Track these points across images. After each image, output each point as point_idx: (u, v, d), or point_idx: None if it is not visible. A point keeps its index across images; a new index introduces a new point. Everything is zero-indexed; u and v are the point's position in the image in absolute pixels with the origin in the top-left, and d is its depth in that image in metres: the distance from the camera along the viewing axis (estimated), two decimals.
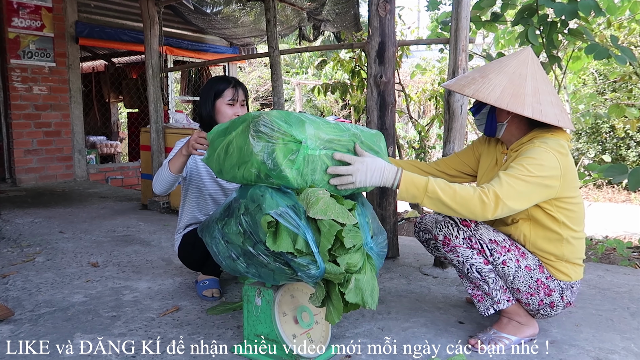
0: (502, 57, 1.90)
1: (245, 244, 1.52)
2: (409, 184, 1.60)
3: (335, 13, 6.48)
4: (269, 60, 3.66)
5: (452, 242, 1.78)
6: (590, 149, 9.55)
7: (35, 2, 5.63)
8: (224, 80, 2.31)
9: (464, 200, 1.59)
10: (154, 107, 4.38)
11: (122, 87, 8.59)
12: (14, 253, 3.06)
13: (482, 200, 1.58)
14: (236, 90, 2.28)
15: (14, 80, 5.57)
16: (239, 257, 1.57)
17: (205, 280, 2.36)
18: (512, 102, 1.73)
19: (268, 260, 1.49)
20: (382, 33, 2.78)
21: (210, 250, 1.68)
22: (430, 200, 1.60)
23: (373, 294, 1.49)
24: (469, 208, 1.59)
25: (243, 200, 1.55)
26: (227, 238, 1.58)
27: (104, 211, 4.44)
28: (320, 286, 1.51)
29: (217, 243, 1.63)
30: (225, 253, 1.61)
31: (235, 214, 1.55)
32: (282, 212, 1.44)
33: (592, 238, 4.68)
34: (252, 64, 14.77)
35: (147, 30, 4.30)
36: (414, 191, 1.60)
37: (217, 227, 1.63)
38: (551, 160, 1.67)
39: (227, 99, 2.26)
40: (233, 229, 1.55)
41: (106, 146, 8.31)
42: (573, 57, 4.35)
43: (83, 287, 2.46)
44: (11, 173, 5.79)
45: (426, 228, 2.11)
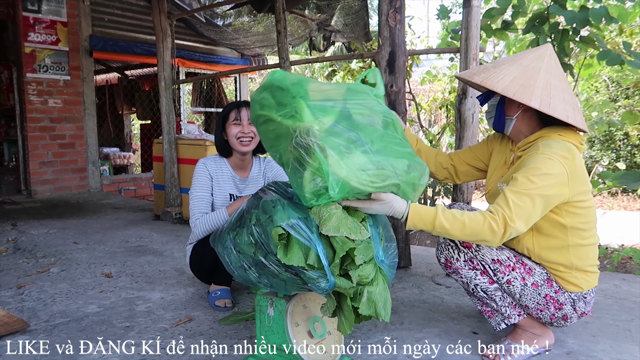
0: (519, 52, 1.87)
1: (257, 255, 1.52)
2: (416, 220, 1.58)
3: (345, 24, 6.52)
4: None
5: (454, 265, 1.78)
6: (604, 157, 9.45)
7: (51, 17, 5.74)
8: (230, 105, 2.45)
9: (473, 232, 1.57)
10: (166, 118, 4.42)
11: (135, 99, 8.70)
12: (30, 264, 3.10)
13: (492, 229, 1.55)
14: (239, 110, 2.39)
15: (29, 94, 5.67)
16: (250, 267, 1.58)
17: (217, 290, 2.38)
18: (519, 92, 1.66)
19: (279, 271, 1.49)
20: (392, 43, 2.79)
21: (223, 260, 1.68)
22: (439, 233, 1.59)
23: (386, 305, 1.49)
24: (479, 237, 1.58)
25: (255, 211, 1.56)
26: (239, 248, 1.59)
27: (117, 222, 4.48)
28: (331, 297, 1.51)
29: (229, 253, 1.64)
30: (237, 263, 1.62)
31: (247, 225, 1.56)
32: (294, 224, 1.44)
33: (608, 247, 4.62)
34: (263, 74, 14.86)
35: (160, 43, 4.36)
36: (422, 226, 1.59)
37: (229, 237, 1.64)
38: (556, 168, 1.60)
39: (232, 120, 2.39)
40: (245, 240, 1.55)
41: (119, 157, 8.40)
42: (585, 64, 4.33)
43: (97, 298, 2.48)
44: (27, 185, 5.87)
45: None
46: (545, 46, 1.80)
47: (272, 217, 1.47)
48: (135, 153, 9.56)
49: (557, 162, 1.61)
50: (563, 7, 3.27)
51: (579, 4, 3.55)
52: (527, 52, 1.80)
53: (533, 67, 1.72)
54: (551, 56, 1.75)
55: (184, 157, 4.39)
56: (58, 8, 5.78)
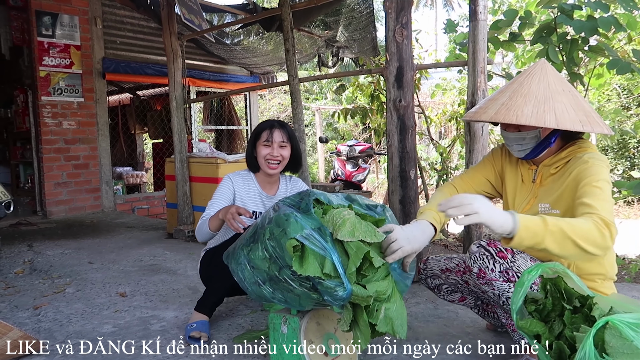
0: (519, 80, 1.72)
1: (271, 269, 1.53)
2: (528, 221, 1.43)
3: (353, 39, 6.58)
4: (288, 88, 3.73)
5: (488, 276, 1.68)
6: (618, 165, 9.34)
7: (65, 41, 5.87)
8: (265, 122, 2.42)
9: (583, 231, 1.42)
10: (178, 137, 4.48)
11: (147, 118, 8.82)
12: (45, 284, 3.13)
13: (600, 230, 1.43)
14: (271, 131, 2.36)
15: (44, 116, 5.78)
16: (264, 282, 1.58)
17: (193, 323, 2.19)
18: (588, 123, 1.59)
19: (294, 285, 1.49)
20: (399, 58, 2.81)
21: (236, 276, 1.69)
22: (552, 234, 1.41)
23: (403, 322, 1.49)
24: (589, 239, 1.42)
25: (268, 225, 1.56)
26: (253, 264, 1.59)
27: (130, 241, 4.51)
28: (348, 309, 1.51)
29: (243, 269, 1.64)
30: (251, 279, 1.62)
31: (261, 240, 1.57)
32: (308, 235, 1.44)
33: (625, 257, 4.54)
34: (272, 91, 15.01)
35: (171, 64, 4.43)
36: (535, 228, 1.42)
37: (242, 253, 1.65)
38: (608, 175, 1.60)
39: (263, 140, 2.36)
40: (259, 255, 1.56)
41: (132, 176, 8.49)
42: (595, 74, 4.31)
43: (112, 318, 2.50)
44: (42, 206, 5.95)
45: (434, 274, 2.03)
46: (543, 63, 1.72)
47: (285, 229, 1.48)
48: (148, 172, 9.66)
49: (607, 170, 1.62)
50: (570, 17, 3.27)
51: (586, 14, 3.55)
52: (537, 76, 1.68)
53: (570, 90, 1.66)
54: (556, 72, 1.72)
55: (196, 175, 4.43)
56: (72, 32, 5.92)
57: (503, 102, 1.67)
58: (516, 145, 1.77)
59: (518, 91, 1.67)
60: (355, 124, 12.02)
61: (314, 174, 11.77)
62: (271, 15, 5.14)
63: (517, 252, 1.71)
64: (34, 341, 2.03)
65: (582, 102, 1.67)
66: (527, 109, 1.60)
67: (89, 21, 6.07)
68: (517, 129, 1.73)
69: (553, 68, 1.72)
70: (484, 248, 1.71)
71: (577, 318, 1.30)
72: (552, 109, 1.60)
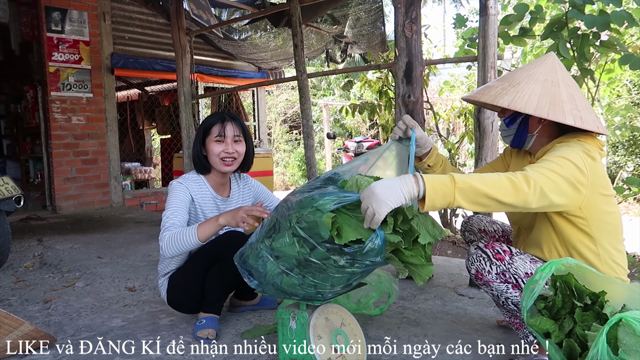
0: (525, 65, 1.81)
1: (301, 253, 1.53)
2: (435, 182, 1.41)
3: (361, 34, 6.55)
4: (296, 83, 3.72)
5: (485, 277, 1.71)
6: (628, 162, 9.25)
7: (74, 36, 5.90)
8: (214, 116, 2.17)
9: (494, 182, 1.42)
10: (186, 133, 4.49)
11: (155, 114, 8.85)
12: (55, 279, 3.16)
13: (512, 180, 1.43)
14: (223, 125, 2.14)
15: (54, 112, 5.82)
16: (292, 269, 1.58)
17: (203, 319, 2.12)
18: (552, 111, 1.62)
19: (327, 264, 1.50)
20: (408, 53, 2.80)
21: (255, 272, 1.66)
22: (462, 193, 1.40)
23: (434, 224, 1.55)
24: (501, 189, 1.41)
25: (291, 213, 1.57)
26: (278, 253, 1.59)
27: (139, 236, 4.54)
28: (394, 261, 1.55)
29: (265, 262, 1.63)
30: (275, 270, 1.61)
31: (285, 227, 1.57)
32: (339, 203, 1.47)
33: (635, 255, 4.51)
34: (280, 87, 15.01)
35: (179, 60, 4.44)
36: (443, 189, 1.40)
37: (263, 247, 1.64)
38: (577, 159, 1.54)
39: (214, 136, 2.13)
40: (286, 241, 1.56)
41: (140, 172, 8.53)
42: (606, 69, 4.26)
43: (121, 312, 2.51)
44: (51, 200, 6.00)
45: (472, 230, 2.11)
46: (551, 55, 1.77)
47: (316, 207, 1.48)
48: (156, 167, 9.70)
49: (578, 155, 1.56)
50: (582, 12, 3.23)
51: (597, 9, 3.51)
52: (536, 65, 1.75)
53: (552, 81, 1.69)
54: (560, 65, 1.74)
55: None
56: (81, 28, 5.94)
57: (493, 85, 1.78)
58: (502, 130, 1.85)
59: (506, 78, 1.77)
60: (363, 120, 12.01)
61: (321, 170, 11.77)
62: (280, 10, 5.12)
63: (516, 252, 1.70)
64: (44, 334, 2.04)
65: (562, 94, 1.66)
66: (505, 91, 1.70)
67: (97, 17, 6.09)
68: (503, 114, 1.82)
69: (559, 62, 1.75)
70: (481, 250, 1.72)
71: (588, 315, 1.29)
72: (527, 93, 1.66)
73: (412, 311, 2.43)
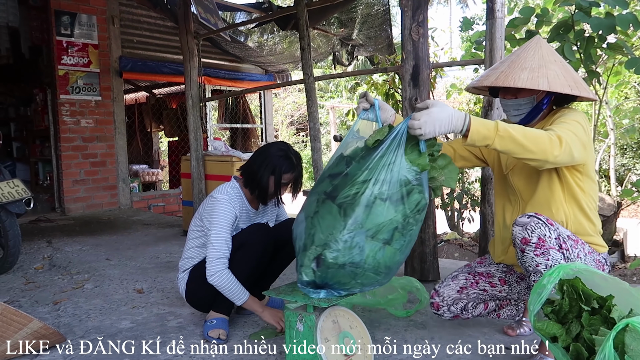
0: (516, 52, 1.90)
1: (398, 210, 1.63)
2: (479, 125, 1.58)
3: (368, 37, 6.56)
4: (303, 86, 3.73)
5: (547, 244, 1.66)
6: (636, 165, 9.19)
7: (83, 40, 5.95)
8: (291, 163, 2.23)
9: (534, 137, 1.58)
10: (193, 135, 4.52)
11: (163, 117, 8.90)
12: (64, 280, 3.19)
13: (550, 138, 1.58)
14: (294, 177, 2.26)
15: (63, 115, 5.87)
16: (391, 239, 1.64)
17: (214, 319, 2.20)
18: (578, 88, 1.78)
19: (419, 218, 1.69)
20: (415, 56, 2.81)
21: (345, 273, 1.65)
22: (501, 139, 1.56)
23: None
24: (538, 145, 1.57)
25: (412, 186, 1.65)
26: (375, 230, 1.62)
27: (147, 238, 4.57)
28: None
29: (362, 246, 1.62)
30: (375, 247, 1.63)
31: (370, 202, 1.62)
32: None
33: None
34: (287, 89, 15.05)
35: (187, 63, 4.47)
36: (485, 132, 1.57)
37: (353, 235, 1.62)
38: (584, 123, 1.73)
39: (283, 182, 2.25)
40: (379, 211, 1.62)
41: (148, 174, 8.58)
42: (613, 71, 4.25)
43: (129, 313, 2.53)
44: (60, 202, 6.05)
45: (453, 299, 2.02)
46: (538, 38, 1.92)
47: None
48: (164, 170, 9.76)
49: (582, 118, 1.75)
50: (588, 15, 3.22)
51: (604, 11, 3.50)
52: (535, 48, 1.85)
53: (561, 61, 1.84)
54: (549, 46, 1.89)
55: (212, 173, 4.47)
56: (89, 31, 6.00)
57: (502, 70, 1.84)
58: (513, 110, 1.90)
59: (515, 62, 1.84)
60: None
61: None
62: (287, 14, 5.15)
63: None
64: (54, 332, 2.06)
65: (572, 72, 1.84)
66: (523, 75, 1.78)
67: (106, 20, 6.14)
68: (514, 96, 1.86)
69: (546, 42, 1.91)
70: (535, 217, 1.69)
71: (595, 319, 1.29)
72: (544, 75, 1.77)
73: (418, 314, 2.44)
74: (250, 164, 2.30)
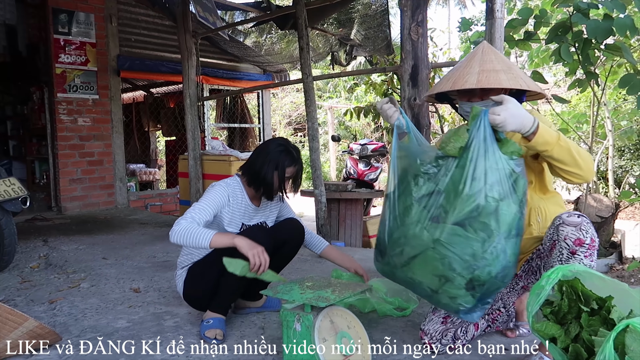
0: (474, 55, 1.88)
1: (521, 204, 1.67)
2: (544, 130, 1.67)
3: (367, 37, 6.56)
4: (302, 86, 3.73)
5: (596, 243, 1.66)
6: (634, 166, 9.20)
7: (81, 38, 5.93)
8: (292, 156, 2.26)
9: (586, 155, 1.70)
10: (191, 135, 4.51)
11: (161, 116, 8.88)
12: (60, 279, 3.17)
13: (590, 155, 1.72)
14: (296, 169, 2.28)
15: (60, 113, 5.85)
16: (519, 227, 1.67)
17: (210, 319, 2.17)
18: (535, 86, 1.86)
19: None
20: (414, 56, 2.80)
21: (501, 266, 1.63)
22: (560, 148, 1.67)
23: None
24: (587, 163, 1.70)
25: (517, 174, 1.66)
26: (509, 229, 1.61)
27: (144, 237, 4.55)
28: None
29: (504, 250, 1.61)
30: (512, 245, 1.64)
31: (517, 188, 1.65)
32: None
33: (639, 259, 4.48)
34: (285, 89, 15.04)
35: (185, 62, 4.46)
36: (548, 138, 1.67)
37: (499, 239, 1.60)
38: None
39: (286, 175, 2.26)
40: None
41: (145, 174, 8.56)
42: (612, 72, 4.25)
43: (126, 313, 2.52)
44: (57, 201, 6.03)
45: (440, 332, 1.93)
46: (486, 43, 1.95)
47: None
48: (161, 169, 9.73)
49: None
50: (586, 16, 3.23)
51: (602, 12, 3.50)
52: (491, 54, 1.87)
53: (514, 64, 1.96)
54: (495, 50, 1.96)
55: (209, 172, 4.46)
56: (87, 30, 5.98)
57: (478, 71, 1.81)
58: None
59: (483, 65, 1.82)
60: (368, 123, 12.01)
61: (325, 172, 11.78)
62: (286, 13, 5.14)
63: None
64: (49, 331, 2.05)
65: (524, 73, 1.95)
66: (500, 76, 1.79)
67: (104, 19, 6.12)
68: (481, 98, 1.85)
69: (490, 47, 1.93)
70: (584, 216, 1.69)
71: (594, 320, 1.29)
72: (518, 76, 1.82)
73: (416, 314, 2.43)
74: (251, 162, 2.30)
